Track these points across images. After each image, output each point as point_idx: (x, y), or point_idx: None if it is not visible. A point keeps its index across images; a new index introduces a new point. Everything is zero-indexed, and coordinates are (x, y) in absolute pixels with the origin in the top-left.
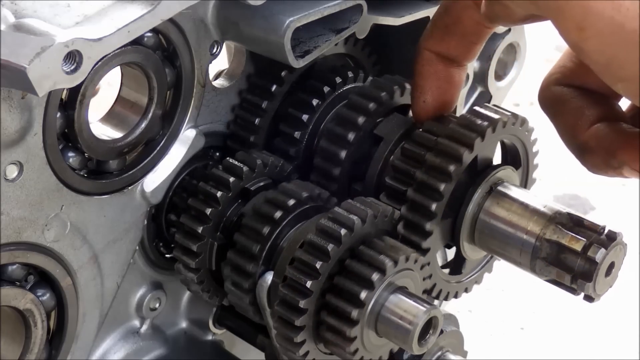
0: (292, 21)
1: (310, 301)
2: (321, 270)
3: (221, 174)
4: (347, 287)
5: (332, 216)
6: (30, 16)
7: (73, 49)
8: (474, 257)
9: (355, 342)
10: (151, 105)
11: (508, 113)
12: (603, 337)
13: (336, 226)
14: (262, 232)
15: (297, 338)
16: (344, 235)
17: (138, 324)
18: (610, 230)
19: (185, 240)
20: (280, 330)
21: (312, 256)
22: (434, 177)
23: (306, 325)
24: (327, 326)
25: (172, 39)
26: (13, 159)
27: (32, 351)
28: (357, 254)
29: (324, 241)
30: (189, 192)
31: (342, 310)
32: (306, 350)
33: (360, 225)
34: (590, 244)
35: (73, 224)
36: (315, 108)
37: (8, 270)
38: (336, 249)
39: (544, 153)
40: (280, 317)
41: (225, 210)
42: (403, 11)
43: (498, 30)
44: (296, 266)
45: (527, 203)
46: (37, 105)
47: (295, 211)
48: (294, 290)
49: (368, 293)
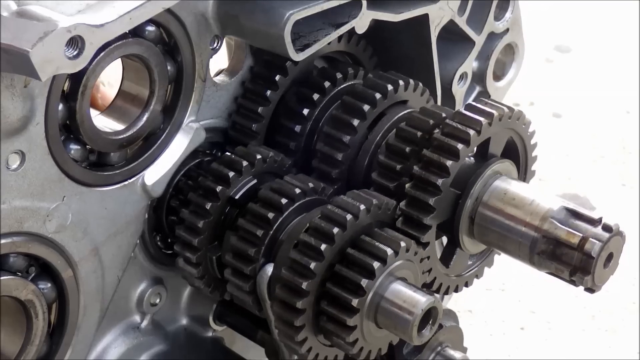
0: (292, 14)
1: (313, 284)
2: (325, 254)
3: (221, 169)
4: (348, 275)
5: (337, 203)
6: (33, 3)
7: (75, 34)
8: (473, 251)
9: (355, 332)
10: (152, 99)
11: (504, 107)
12: (603, 337)
13: (341, 212)
14: (267, 217)
15: (297, 321)
16: (349, 221)
17: (138, 319)
18: (606, 222)
19: (186, 235)
20: (280, 315)
21: (317, 239)
22: (432, 172)
23: (306, 310)
24: (327, 316)
25: (173, 33)
26: (15, 148)
27: (33, 343)
28: (359, 243)
29: (330, 225)
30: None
31: (343, 299)
32: (305, 336)
33: (365, 213)
34: (586, 238)
35: (74, 215)
36: (316, 103)
37: (10, 260)
38: (341, 233)
39: (544, 153)
40: (281, 300)
41: (224, 206)
42: (402, 8)
43: (496, 30)
44: (300, 249)
45: (525, 196)
46: (40, 95)
47: (299, 201)
48: (297, 273)
49: (369, 281)
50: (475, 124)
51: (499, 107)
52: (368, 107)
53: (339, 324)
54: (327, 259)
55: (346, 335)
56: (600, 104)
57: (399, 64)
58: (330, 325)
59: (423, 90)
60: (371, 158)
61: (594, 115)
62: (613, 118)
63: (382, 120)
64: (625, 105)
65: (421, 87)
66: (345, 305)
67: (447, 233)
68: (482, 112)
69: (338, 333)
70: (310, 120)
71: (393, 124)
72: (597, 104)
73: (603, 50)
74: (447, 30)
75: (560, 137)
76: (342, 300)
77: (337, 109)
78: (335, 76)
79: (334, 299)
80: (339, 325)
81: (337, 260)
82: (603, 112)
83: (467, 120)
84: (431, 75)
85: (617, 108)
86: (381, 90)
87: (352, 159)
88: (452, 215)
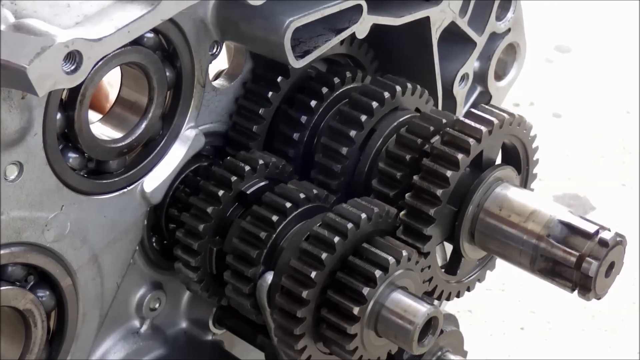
0: (292, 21)
1: (313, 292)
2: (326, 262)
3: (223, 173)
4: (350, 283)
5: (338, 212)
6: (30, 16)
7: (73, 49)
8: (474, 257)
9: (355, 340)
10: (151, 106)
11: (505, 114)
12: (603, 337)
13: (342, 221)
14: (271, 220)
15: (297, 330)
16: (350, 230)
17: (138, 324)
18: (602, 236)
19: (185, 239)
20: (280, 323)
21: (317, 248)
22: (432, 182)
23: (306, 319)
24: (328, 323)
25: (172, 39)
26: (13, 159)
27: (32, 351)
28: (360, 251)
29: (330, 234)
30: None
31: (344, 307)
32: (304, 344)
33: (366, 221)
34: (582, 257)
35: (73, 224)
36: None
37: (8, 270)
38: (342, 242)
39: (544, 153)
40: (281, 308)
41: (226, 210)
42: (403, 11)
43: (498, 30)
44: (301, 257)
45: (527, 203)
46: (37, 106)
47: (293, 213)
48: (297, 282)
49: (370, 290)
50: (476, 133)
51: (500, 114)
52: (365, 117)
53: (339, 331)
54: (328, 267)
55: (346, 344)
56: (600, 104)
57: (400, 66)
58: (330, 333)
59: (422, 93)
60: (371, 164)
61: (594, 115)
62: (613, 118)
63: (381, 125)
64: (625, 105)
65: (420, 89)
66: (345, 313)
67: (448, 240)
68: (482, 120)
69: (338, 341)
70: (308, 127)
71: (393, 129)
72: (597, 104)
73: (603, 50)
74: (449, 31)
75: (560, 137)
76: (343, 308)
77: (334, 118)
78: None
79: (335, 307)
80: (339, 333)
81: (338, 268)
82: (603, 112)
83: (467, 128)
84: (432, 76)
85: (617, 108)
86: (377, 98)
87: (351, 168)
88: (452, 222)
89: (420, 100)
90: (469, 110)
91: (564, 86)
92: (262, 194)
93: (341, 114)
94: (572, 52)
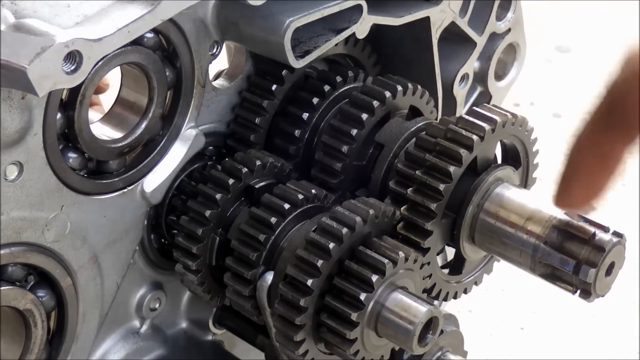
0: (292, 21)
1: (311, 300)
2: (322, 269)
3: (221, 176)
4: (347, 288)
5: (334, 215)
6: (30, 16)
7: (73, 49)
8: (474, 257)
9: (355, 344)
10: (151, 106)
11: (507, 113)
12: (603, 337)
13: (338, 225)
14: (270, 221)
15: (297, 337)
16: (345, 234)
17: (138, 324)
18: (598, 241)
19: (185, 242)
20: (280, 329)
21: (313, 254)
22: (434, 177)
23: (306, 325)
24: (327, 328)
25: (172, 39)
26: (13, 159)
27: (32, 351)
28: (357, 254)
29: (325, 240)
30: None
31: (342, 312)
32: (305, 349)
33: (362, 224)
34: (580, 264)
35: (73, 224)
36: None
37: (8, 270)
38: (337, 247)
39: (544, 153)
40: (280, 315)
41: (225, 212)
42: (403, 11)
43: (498, 30)
44: (297, 264)
45: (527, 203)
46: (37, 106)
47: (302, 208)
48: (295, 289)
49: (368, 295)
50: (479, 130)
51: (503, 113)
52: (366, 116)
53: (339, 336)
54: (324, 274)
55: (347, 348)
56: None
57: (400, 66)
58: (330, 337)
59: (422, 93)
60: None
61: None
62: None
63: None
64: None
65: (420, 89)
66: (344, 318)
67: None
68: (484, 118)
69: (338, 345)
70: (309, 125)
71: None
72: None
73: (603, 50)
74: (448, 31)
75: (560, 137)
76: (342, 314)
77: (335, 117)
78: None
79: (334, 312)
80: (339, 337)
81: (335, 272)
82: None
83: (470, 125)
84: (432, 76)
85: None
86: (379, 97)
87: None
88: (453, 221)
89: (421, 100)
90: (472, 109)
91: (564, 86)
92: (262, 193)
93: (342, 112)
94: (572, 52)
